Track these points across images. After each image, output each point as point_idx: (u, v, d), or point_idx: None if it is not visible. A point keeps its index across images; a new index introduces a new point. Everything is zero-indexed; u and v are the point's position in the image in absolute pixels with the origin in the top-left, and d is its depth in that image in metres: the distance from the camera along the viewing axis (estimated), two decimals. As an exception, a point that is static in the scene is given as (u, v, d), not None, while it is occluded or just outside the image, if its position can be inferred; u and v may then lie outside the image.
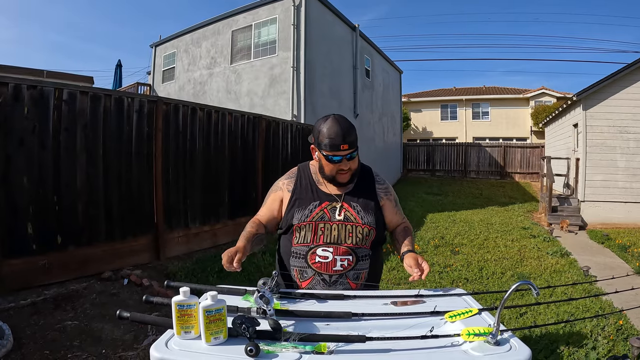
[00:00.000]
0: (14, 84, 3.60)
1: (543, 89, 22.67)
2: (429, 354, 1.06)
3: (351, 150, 1.59)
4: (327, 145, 1.57)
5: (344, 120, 1.62)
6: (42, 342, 2.87)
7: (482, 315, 1.30)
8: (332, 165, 1.62)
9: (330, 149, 1.58)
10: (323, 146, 1.59)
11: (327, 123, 1.60)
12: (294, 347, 1.02)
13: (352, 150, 1.60)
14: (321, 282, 1.62)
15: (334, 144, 1.56)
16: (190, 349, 1.05)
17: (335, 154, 1.58)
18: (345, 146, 1.57)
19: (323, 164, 1.66)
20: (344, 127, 1.58)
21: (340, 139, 1.56)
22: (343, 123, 1.59)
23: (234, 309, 1.27)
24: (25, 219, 3.70)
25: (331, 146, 1.57)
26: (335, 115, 1.63)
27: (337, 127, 1.57)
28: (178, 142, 5.32)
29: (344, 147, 1.57)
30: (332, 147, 1.57)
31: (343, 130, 1.57)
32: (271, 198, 1.77)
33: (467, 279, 4.79)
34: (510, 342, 1.11)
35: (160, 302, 1.35)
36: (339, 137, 1.56)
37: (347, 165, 1.62)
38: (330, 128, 1.58)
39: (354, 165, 1.66)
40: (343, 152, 1.58)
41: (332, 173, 1.65)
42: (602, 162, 8.91)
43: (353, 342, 1.07)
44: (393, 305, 1.37)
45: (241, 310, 1.27)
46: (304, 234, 1.64)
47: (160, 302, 1.35)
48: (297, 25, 9.75)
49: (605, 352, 2.96)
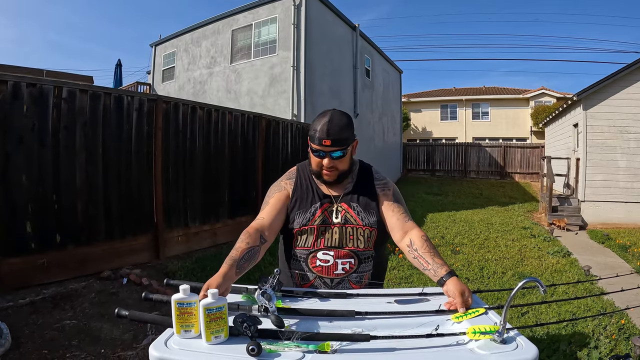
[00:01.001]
0: (13, 81, 3.57)
1: (543, 89, 22.67)
2: (434, 353, 1.04)
3: (336, 148, 1.50)
4: (311, 136, 1.52)
5: (339, 117, 1.53)
6: (41, 341, 2.84)
7: (487, 313, 1.28)
8: (317, 160, 1.55)
9: (316, 142, 1.51)
10: (311, 138, 1.53)
11: (321, 117, 1.52)
12: (296, 346, 1.00)
13: (337, 149, 1.50)
14: (322, 286, 1.58)
15: (319, 138, 1.49)
16: (191, 348, 1.03)
17: (317, 148, 1.52)
18: (327, 142, 1.48)
19: (310, 158, 1.60)
20: (334, 123, 1.49)
21: (324, 134, 1.48)
22: (336, 119, 1.51)
23: (234, 306, 1.25)
24: (24, 218, 3.67)
25: (313, 138, 1.51)
26: (334, 110, 1.56)
27: (326, 121, 1.49)
28: (178, 141, 5.30)
29: (325, 143, 1.48)
30: (315, 140, 1.51)
31: (330, 125, 1.48)
32: (275, 197, 1.64)
33: (468, 278, 4.77)
34: (517, 340, 1.09)
35: (159, 300, 1.33)
36: (323, 131, 1.48)
37: (330, 163, 1.53)
38: (321, 122, 1.50)
39: (340, 165, 1.55)
40: (325, 148, 1.50)
41: (317, 168, 1.58)
42: (602, 162, 8.90)
43: (357, 341, 1.05)
44: (397, 303, 1.35)
45: (242, 308, 1.25)
46: (305, 237, 1.59)
47: (160, 299, 1.33)
48: (297, 25, 9.73)
49: (608, 351, 2.94)
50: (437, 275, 1.40)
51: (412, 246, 1.51)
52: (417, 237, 1.53)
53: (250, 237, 1.46)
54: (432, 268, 1.42)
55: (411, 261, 1.53)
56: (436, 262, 1.43)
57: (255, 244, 1.46)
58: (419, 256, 1.47)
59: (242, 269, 1.37)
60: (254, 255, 1.43)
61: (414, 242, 1.51)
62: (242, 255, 1.39)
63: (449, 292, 1.33)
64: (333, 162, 1.53)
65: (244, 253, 1.40)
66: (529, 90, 23.33)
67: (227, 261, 1.34)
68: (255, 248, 1.45)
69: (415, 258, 1.49)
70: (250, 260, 1.41)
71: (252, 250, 1.43)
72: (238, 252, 1.39)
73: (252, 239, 1.46)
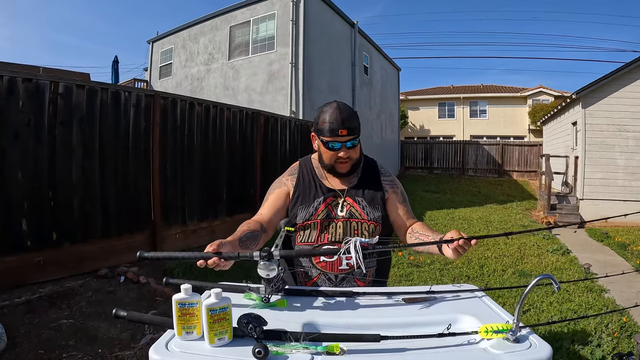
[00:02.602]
0: (8, 77, 3.52)
1: (541, 87, 22.68)
2: (446, 353, 1.00)
3: (351, 137, 1.51)
4: (326, 130, 1.50)
5: (345, 106, 1.53)
6: (37, 341, 2.80)
7: (497, 311, 1.24)
8: (331, 153, 1.54)
9: (329, 134, 1.50)
10: (321, 132, 1.52)
11: (328, 108, 1.51)
12: (304, 347, 0.95)
13: (352, 137, 1.51)
14: (327, 282, 1.54)
15: (333, 129, 1.48)
16: (193, 351, 0.98)
17: (334, 140, 1.50)
18: (344, 131, 1.48)
19: (322, 152, 1.58)
20: (344, 112, 1.50)
21: (340, 124, 1.48)
22: (344, 108, 1.51)
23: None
24: (19, 215, 3.62)
25: (330, 131, 1.49)
26: (337, 101, 1.55)
27: (337, 112, 1.49)
28: (176, 137, 5.25)
29: (342, 133, 1.48)
30: (331, 133, 1.49)
31: (343, 115, 1.49)
32: (275, 194, 1.65)
33: (469, 276, 4.74)
34: (530, 339, 1.06)
35: (154, 257, 1.27)
36: (338, 122, 1.48)
37: (346, 154, 1.53)
38: (331, 113, 1.49)
39: (354, 155, 1.56)
40: (342, 138, 1.49)
41: (330, 162, 1.56)
42: (601, 160, 8.90)
43: (367, 341, 1.01)
44: (404, 302, 1.31)
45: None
46: (308, 232, 1.57)
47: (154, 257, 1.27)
48: (295, 21, 9.68)
49: (610, 349, 2.92)
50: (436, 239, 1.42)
51: (413, 231, 1.58)
52: (417, 224, 1.61)
53: (250, 224, 1.50)
54: (431, 238, 1.48)
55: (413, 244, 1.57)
56: (435, 233, 1.50)
57: (256, 228, 1.49)
58: (420, 235, 1.54)
59: (245, 245, 1.38)
60: (256, 237, 1.45)
61: (414, 228, 1.59)
62: (244, 233, 1.42)
63: (446, 237, 1.30)
64: (348, 152, 1.53)
65: (245, 233, 1.43)
66: (526, 89, 23.34)
67: (229, 237, 1.36)
68: (257, 232, 1.47)
69: (417, 239, 1.54)
70: (252, 240, 1.43)
71: (253, 232, 1.46)
72: (239, 233, 1.42)
73: (253, 225, 1.49)
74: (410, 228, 1.61)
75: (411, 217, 1.66)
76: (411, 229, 1.60)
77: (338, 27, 11.59)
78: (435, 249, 1.41)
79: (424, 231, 1.54)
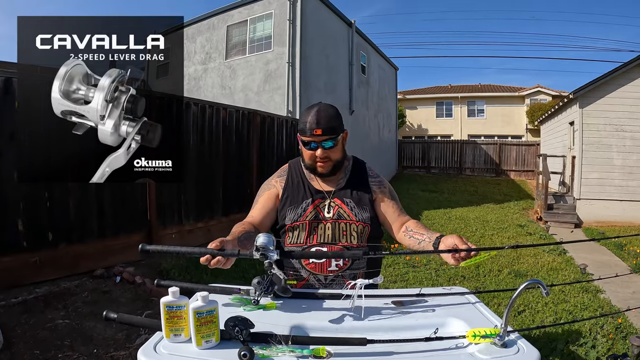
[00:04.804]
0: (4, 77, 3.51)
1: (538, 87, 22.68)
2: (433, 357, 1.01)
3: (327, 137, 1.51)
4: (302, 130, 1.53)
5: (326, 107, 1.54)
6: (33, 341, 2.80)
7: (486, 314, 1.24)
8: (309, 153, 1.55)
9: (302, 133, 1.53)
10: (301, 132, 1.54)
11: (309, 109, 1.53)
12: (290, 350, 0.96)
13: (328, 138, 1.51)
14: (316, 283, 1.56)
15: (307, 129, 1.50)
16: (181, 353, 0.99)
17: (311, 140, 1.52)
18: (318, 131, 1.49)
19: (302, 152, 1.60)
20: (322, 112, 1.51)
21: (314, 124, 1.49)
22: (323, 109, 1.52)
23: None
24: (15, 215, 3.62)
25: (303, 131, 1.52)
26: (321, 103, 1.58)
27: (316, 113, 1.50)
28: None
29: (317, 132, 1.49)
30: (305, 132, 1.51)
31: (319, 115, 1.50)
32: (265, 196, 1.67)
33: (464, 276, 4.75)
34: (518, 343, 1.06)
35: (156, 250, 1.26)
36: (312, 122, 1.49)
37: (324, 153, 1.53)
38: (311, 114, 1.51)
39: (333, 155, 1.56)
40: (317, 137, 1.50)
41: (310, 161, 1.58)
42: (598, 160, 8.92)
43: (353, 345, 1.01)
44: (394, 304, 1.32)
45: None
46: (297, 234, 1.58)
47: (156, 250, 1.25)
48: (292, 21, 9.65)
49: (605, 350, 2.93)
50: (432, 241, 1.43)
51: (407, 229, 1.58)
52: (411, 222, 1.61)
53: (244, 225, 1.51)
54: (427, 237, 1.48)
55: (408, 243, 1.56)
56: (430, 232, 1.49)
57: (250, 230, 1.50)
58: (414, 233, 1.54)
59: (243, 245, 1.38)
60: (252, 238, 1.44)
61: (409, 227, 1.59)
62: (242, 234, 1.44)
63: (446, 242, 1.33)
64: (326, 152, 1.54)
65: (243, 233, 1.44)
66: (524, 88, 23.34)
67: (228, 237, 1.37)
68: (252, 233, 1.48)
69: (411, 237, 1.54)
70: (249, 240, 1.42)
71: (249, 233, 1.47)
72: (237, 232, 1.43)
73: (247, 227, 1.51)
74: (404, 226, 1.61)
75: (403, 214, 1.66)
76: (405, 228, 1.60)
77: (335, 26, 11.57)
78: (428, 245, 1.43)
79: (418, 229, 1.54)
